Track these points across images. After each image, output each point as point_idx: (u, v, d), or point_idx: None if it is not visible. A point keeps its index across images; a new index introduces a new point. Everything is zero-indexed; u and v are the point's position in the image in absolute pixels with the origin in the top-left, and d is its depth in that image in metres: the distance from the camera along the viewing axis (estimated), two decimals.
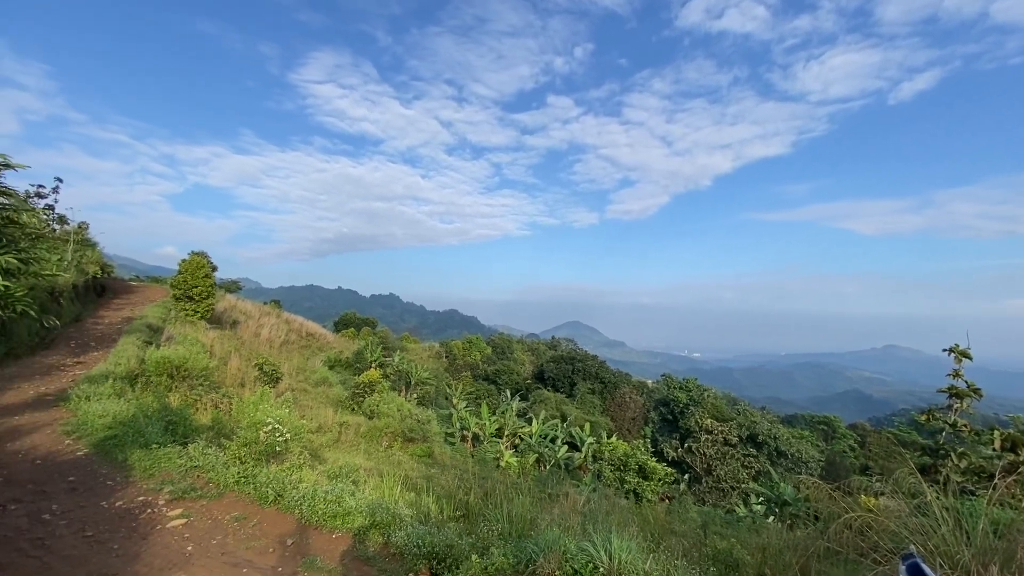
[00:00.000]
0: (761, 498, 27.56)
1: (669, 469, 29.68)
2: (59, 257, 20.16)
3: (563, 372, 58.96)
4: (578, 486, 22.35)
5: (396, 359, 37.03)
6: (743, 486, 38.88)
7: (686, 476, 41.81)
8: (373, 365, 34.40)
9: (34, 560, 5.02)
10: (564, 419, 42.54)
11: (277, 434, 9.85)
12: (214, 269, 25.43)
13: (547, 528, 6.25)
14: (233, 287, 37.44)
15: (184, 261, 24.12)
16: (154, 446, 8.29)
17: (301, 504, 6.44)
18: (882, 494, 8.05)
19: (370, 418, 22.31)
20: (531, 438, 35.78)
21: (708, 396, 50.10)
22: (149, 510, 6.27)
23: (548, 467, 32.89)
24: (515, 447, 36.13)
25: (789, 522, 16.47)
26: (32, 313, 5.61)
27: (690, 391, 50.32)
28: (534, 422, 38.18)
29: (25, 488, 6.75)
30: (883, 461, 43.25)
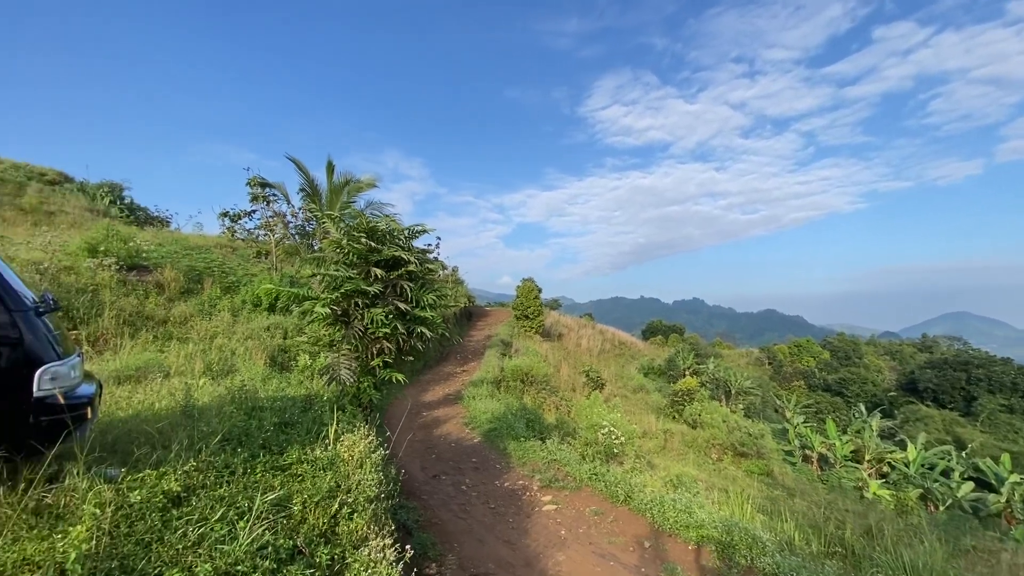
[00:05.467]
0: None
1: None
2: (446, 294, 27.70)
3: (950, 382, 43.98)
4: (1002, 540, 15.92)
5: (711, 366, 35.10)
6: None
7: None
8: (687, 372, 33.53)
9: (461, 521, 6.63)
10: (961, 445, 31.50)
11: (613, 436, 10.52)
12: (540, 291, 29.87)
13: None
14: (555, 305, 42.97)
15: (519, 286, 29.18)
16: (522, 439, 10.01)
17: (651, 508, 6.56)
18: None
19: (693, 427, 21.66)
20: (908, 467, 27.79)
21: None
22: (527, 493, 7.52)
23: (942, 508, 24.77)
24: (882, 476, 28.73)
25: None
26: (446, 334, 7.62)
27: None
28: (910, 446, 29.56)
29: (448, 464, 9.12)
30: None
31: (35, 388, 2.80)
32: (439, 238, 31.29)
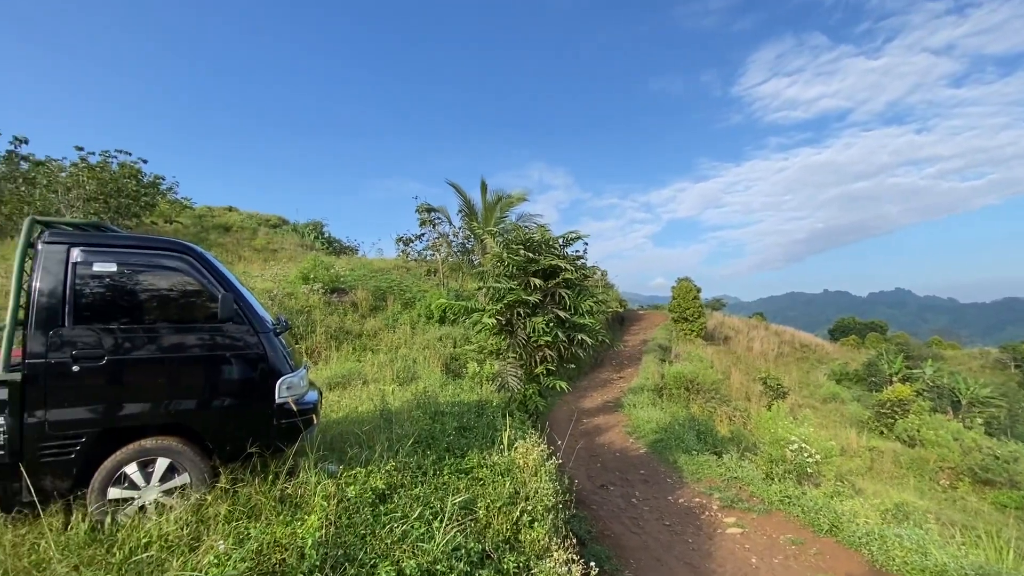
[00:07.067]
0: None
1: None
2: (603, 299, 27.46)
3: None
4: None
5: (928, 370, 28.68)
6: None
7: None
8: (894, 379, 27.92)
9: (635, 536, 6.34)
10: None
11: (805, 454, 9.18)
12: (699, 291, 27.76)
13: None
14: (717, 305, 39.53)
15: (675, 287, 27.54)
16: (693, 452, 9.29)
17: (868, 543, 5.49)
18: None
19: (909, 445, 17.90)
20: None
21: None
22: (706, 512, 6.90)
23: None
24: None
25: None
26: (606, 341, 7.47)
27: None
28: None
29: (614, 474, 8.85)
30: None
31: (276, 396, 3.39)
32: (586, 243, 31.19)
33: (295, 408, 3.42)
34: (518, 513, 3.43)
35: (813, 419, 18.63)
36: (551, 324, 6.50)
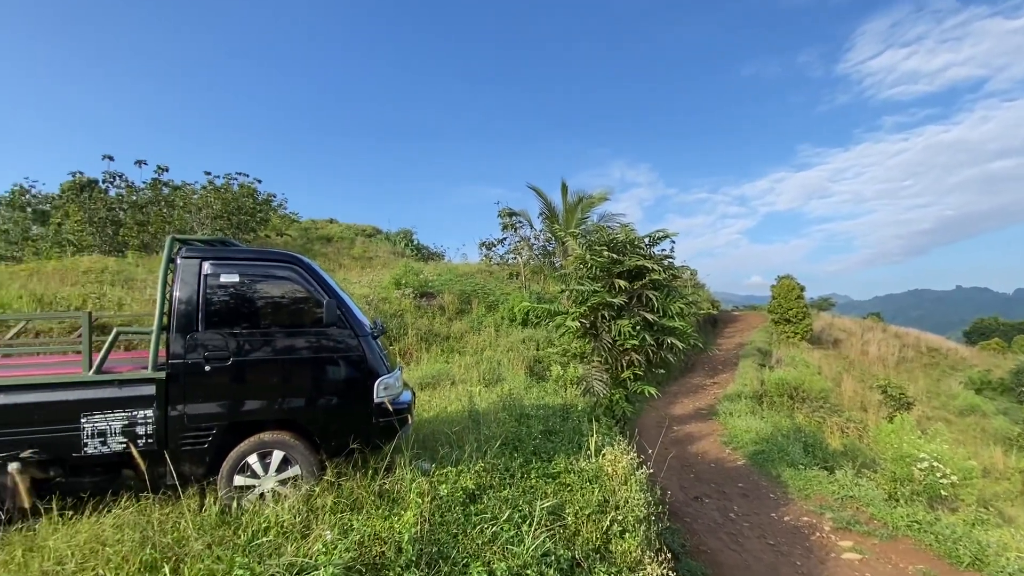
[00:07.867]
0: None
1: None
2: (694, 301, 26.14)
3: None
4: None
5: None
6: None
7: None
8: None
9: (734, 554, 5.92)
10: None
11: (938, 474, 8.07)
12: (802, 290, 25.44)
13: None
14: (825, 304, 36.01)
15: (775, 286, 25.50)
16: (800, 466, 8.52)
17: None
18: None
19: None
20: None
21: None
22: (816, 533, 6.28)
23: None
24: None
25: None
26: (699, 344, 7.09)
27: None
28: None
29: (709, 486, 8.35)
30: None
31: (375, 396, 3.60)
32: (673, 241, 29.83)
33: (391, 408, 3.61)
34: (608, 522, 3.34)
35: (947, 434, 16.28)
36: (638, 327, 6.28)
